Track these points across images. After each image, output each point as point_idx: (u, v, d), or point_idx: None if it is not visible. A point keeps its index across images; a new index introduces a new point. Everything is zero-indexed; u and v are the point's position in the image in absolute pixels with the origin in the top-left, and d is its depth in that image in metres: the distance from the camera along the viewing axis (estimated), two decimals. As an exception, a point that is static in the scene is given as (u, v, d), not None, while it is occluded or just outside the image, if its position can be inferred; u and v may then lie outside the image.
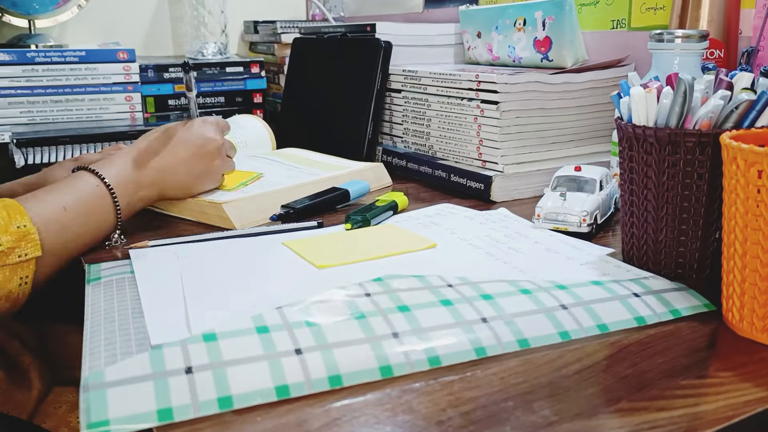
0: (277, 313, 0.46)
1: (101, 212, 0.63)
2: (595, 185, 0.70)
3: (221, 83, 1.36)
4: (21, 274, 0.55)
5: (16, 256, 0.55)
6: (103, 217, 0.64)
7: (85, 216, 0.62)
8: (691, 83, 0.53)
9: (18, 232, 0.55)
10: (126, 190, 0.66)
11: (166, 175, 0.70)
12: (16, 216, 0.56)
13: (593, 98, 0.90)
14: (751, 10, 0.79)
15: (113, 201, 0.64)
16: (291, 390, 0.40)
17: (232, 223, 0.71)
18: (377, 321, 0.46)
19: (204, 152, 0.74)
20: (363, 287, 0.51)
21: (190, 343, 0.43)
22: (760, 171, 0.45)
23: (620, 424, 0.37)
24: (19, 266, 0.55)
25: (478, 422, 0.38)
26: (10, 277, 0.54)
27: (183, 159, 0.72)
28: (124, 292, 0.54)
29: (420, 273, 0.54)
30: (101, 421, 0.37)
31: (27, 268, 0.56)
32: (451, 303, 0.49)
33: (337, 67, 1.09)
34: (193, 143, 0.73)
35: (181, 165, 0.72)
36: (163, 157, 0.70)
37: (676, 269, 0.56)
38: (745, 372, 0.43)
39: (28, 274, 0.56)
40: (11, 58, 1.18)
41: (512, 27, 1.00)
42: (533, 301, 0.50)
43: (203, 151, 0.74)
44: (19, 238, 0.55)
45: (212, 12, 1.43)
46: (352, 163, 0.93)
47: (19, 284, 0.55)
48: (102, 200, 0.63)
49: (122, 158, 0.68)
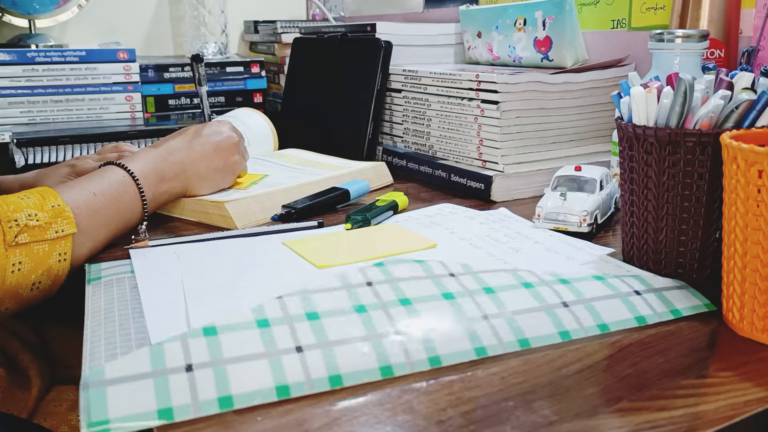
0: (277, 304, 0.46)
1: (129, 201, 0.66)
2: (596, 185, 0.70)
3: (221, 83, 1.36)
4: (59, 250, 0.57)
5: (53, 231, 0.57)
6: (131, 206, 0.66)
7: (115, 203, 0.64)
8: (692, 83, 0.53)
9: (53, 210, 0.57)
10: (150, 182, 0.68)
11: (188, 168, 0.73)
12: (49, 197, 0.58)
13: (593, 98, 0.90)
14: (752, 10, 0.79)
15: (139, 192, 0.66)
16: (291, 390, 0.40)
17: (234, 222, 0.71)
18: (378, 315, 0.46)
19: (223, 147, 0.77)
20: (364, 275, 0.50)
21: (190, 338, 0.42)
22: (760, 171, 0.45)
23: (620, 423, 0.37)
24: (57, 242, 0.57)
25: (478, 422, 0.38)
26: (49, 252, 0.56)
27: (203, 154, 0.75)
28: (125, 291, 0.54)
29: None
30: (101, 421, 0.37)
31: (64, 244, 0.57)
32: (453, 296, 0.49)
33: (338, 66, 1.09)
34: (211, 139, 0.76)
35: (201, 160, 0.74)
36: (185, 153, 0.73)
37: (677, 269, 0.56)
38: (746, 372, 0.43)
39: (66, 251, 0.58)
40: (11, 58, 1.18)
41: (512, 27, 1.00)
42: (535, 297, 0.50)
43: (222, 147, 0.77)
44: (55, 214, 0.57)
45: (212, 12, 1.43)
46: (353, 163, 0.93)
47: (58, 260, 0.57)
48: (129, 190, 0.66)
49: (146, 153, 0.71)
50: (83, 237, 0.60)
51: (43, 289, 0.57)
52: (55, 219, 0.57)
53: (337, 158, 0.97)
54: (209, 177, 0.75)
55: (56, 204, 0.58)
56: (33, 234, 0.55)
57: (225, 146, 0.77)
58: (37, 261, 0.55)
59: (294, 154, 1.00)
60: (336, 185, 0.81)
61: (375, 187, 0.89)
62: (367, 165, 0.91)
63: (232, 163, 0.78)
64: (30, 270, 0.55)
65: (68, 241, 0.58)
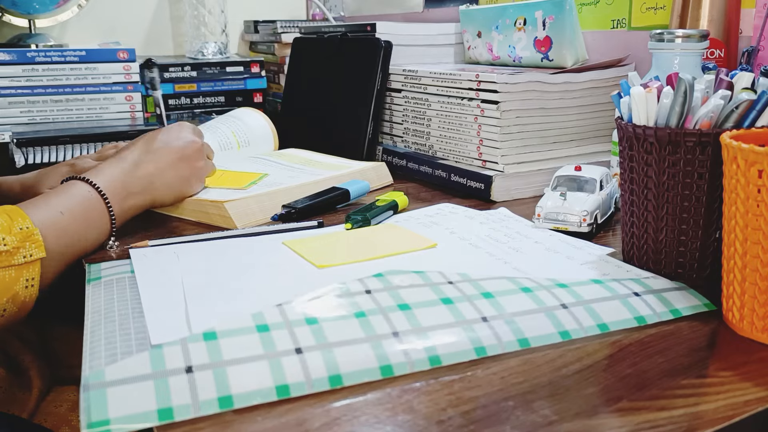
0: (277, 311, 0.46)
1: (97, 218, 0.64)
2: (596, 185, 0.70)
3: (221, 83, 1.36)
4: (27, 276, 0.55)
5: (21, 256, 0.55)
6: (99, 224, 0.64)
7: (83, 221, 0.62)
8: (692, 83, 0.53)
9: (22, 233, 0.55)
10: (117, 197, 0.66)
11: (155, 180, 0.70)
12: (17, 218, 0.56)
13: (593, 98, 0.90)
14: (752, 10, 0.79)
15: (107, 207, 0.64)
16: (291, 390, 0.40)
17: (234, 222, 0.71)
18: (377, 320, 0.46)
19: (187, 155, 0.74)
20: (363, 284, 0.51)
21: (190, 342, 0.43)
22: (760, 171, 0.45)
23: (620, 423, 0.38)
24: (25, 267, 0.55)
25: (478, 422, 0.38)
26: (16, 278, 0.54)
27: (168, 163, 0.72)
28: (125, 291, 0.54)
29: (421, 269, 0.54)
30: (101, 421, 0.37)
31: (32, 269, 0.55)
32: (452, 302, 0.49)
33: (338, 66, 1.09)
34: (174, 147, 0.73)
35: (167, 169, 0.72)
36: (149, 164, 0.70)
37: (677, 269, 0.56)
38: (746, 371, 0.43)
39: (34, 276, 0.56)
40: (11, 57, 1.18)
41: (512, 27, 1.00)
42: (533, 300, 0.50)
43: (186, 154, 0.74)
44: (23, 238, 0.55)
45: (212, 11, 1.43)
46: (353, 163, 0.93)
47: (25, 286, 0.55)
48: (96, 206, 0.64)
49: (111, 167, 0.68)
50: (51, 260, 0.58)
51: (9, 317, 0.55)
52: (23, 243, 0.55)
53: (337, 158, 0.97)
54: (177, 186, 0.73)
55: (24, 227, 0.56)
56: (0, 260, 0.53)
57: (189, 153, 0.74)
58: (3, 287, 0.53)
59: (294, 154, 1.00)
60: (336, 185, 0.81)
61: (375, 187, 0.89)
62: (367, 165, 0.91)
63: (198, 169, 0.76)
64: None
65: (36, 266, 0.56)
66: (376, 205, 0.74)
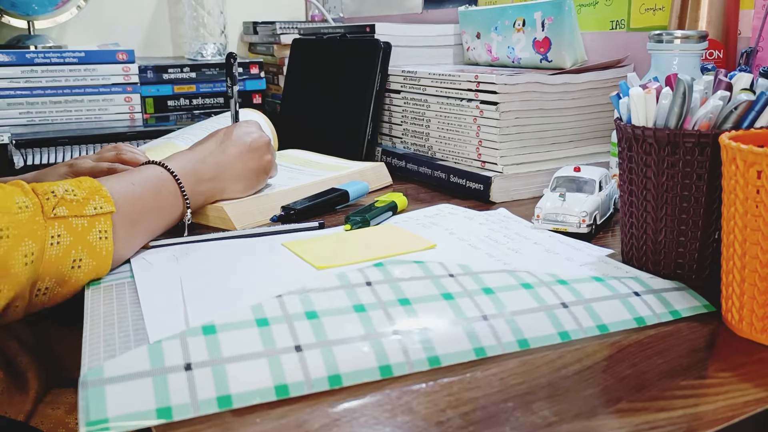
0: (276, 303, 0.46)
1: (168, 196, 0.65)
2: (595, 186, 0.70)
3: (221, 84, 1.36)
4: (99, 227, 0.56)
5: (92, 207, 0.56)
6: (170, 201, 0.66)
7: (154, 195, 0.64)
8: (690, 84, 0.53)
9: (90, 188, 0.57)
10: (189, 181, 0.68)
11: (225, 170, 0.73)
12: (86, 180, 0.58)
13: (592, 99, 0.90)
14: (750, 11, 0.79)
15: (179, 187, 0.66)
16: (290, 389, 0.40)
17: (233, 224, 0.71)
18: (378, 315, 0.46)
19: (255, 147, 0.77)
20: (364, 274, 0.50)
21: (189, 336, 0.42)
22: (759, 171, 0.45)
23: (620, 424, 0.37)
24: (96, 219, 0.56)
25: (477, 423, 0.38)
26: (88, 228, 0.55)
27: (237, 155, 0.74)
28: (124, 295, 0.54)
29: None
30: (100, 420, 0.37)
31: (104, 221, 0.56)
32: (452, 297, 0.49)
33: (337, 67, 1.09)
34: (244, 140, 0.76)
35: (236, 161, 0.74)
36: (219, 155, 0.73)
37: (676, 269, 0.56)
38: (745, 372, 0.43)
39: (107, 229, 0.56)
40: (10, 59, 1.18)
41: (511, 28, 1.00)
42: (534, 298, 0.50)
43: (254, 147, 0.77)
44: (92, 191, 0.57)
45: (211, 13, 1.43)
46: (352, 164, 0.93)
47: (99, 237, 0.56)
48: (168, 185, 0.66)
49: (182, 155, 0.71)
50: (124, 221, 0.59)
51: (87, 269, 0.55)
52: (92, 195, 0.56)
53: (336, 158, 0.97)
54: (246, 177, 0.75)
55: (93, 184, 0.57)
56: (71, 208, 0.54)
57: (257, 146, 0.77)
58: (77, 236, 0.54)
59: (293, 155, 1.00)
60: (335, 186, 0.81)
61: (374, 187, 0.89)
62: (366, 165, 0.91)
63: (266, 162, 0.78)
64: (69, 245, 0.54)
65: (108, 219, 0.57)
66: (376, 206, 0.74)
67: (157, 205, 0.64)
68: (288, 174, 0.88)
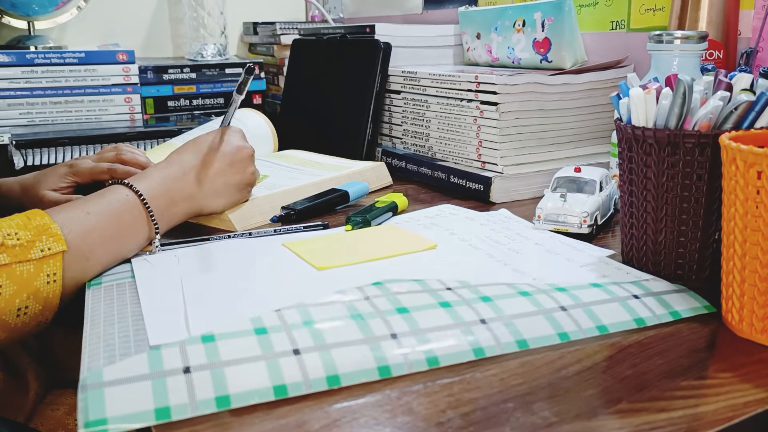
0: (275, 316, 0.46)
1: (134, 222, 0.62)
2: (595, 186, 0.69)
3: (220, 84, 1.36)
4: (47, 270, 0.53)
5: (38, 250, 0.53)
6: (137, 227, 0.62)
7: (114, 221, 0.60)
8: (691, 84, 0.53)
9: (36, 228, 0.54)
10: (160, 202, 0.64)
11: (203, 187, 0.69)
12: (35, 217, 0.55)
13: (592, 99, 0.90)
14: (750, 11, 0.79)
15: (146, 210, 0.62)
16: (289, 390, 0.40)
17: (234, 225, 0.71)
18: (376, 322, 0.46)
19: (238, 160, 0.72)
20: (362, 291, 0.51)
21: (188, 344, 0.43)
22: (759, 172, 0.45)
23: (620, 425, 0.37)
24: (44, 261, 0.53)
25: (477, 423, 0.38)
26: (35, 274, 0.52)
27: (219, 169, 0.70)
28: (124, 296, 0.54)
29: (420, 275, 0.54)
30: (99, 420, 0.37)
31: (53, 264, 0.53)
32: (450, 305, 0.49)
33: (337, 68, 1.09)
34: (227, 153, 0.71)
35: (218, 176, 0.70)
36: (199, 170, 0.69)
37: (676, 270, 0.56)
38: (745, 373, 0.43)
39: (56, 271, 0.54)
40: (11, 59, 1.18)
41: (511, 28, 1.00)
42: (532, 303, 0.50)
43: (237, 159, 0.72)
44: (39, 232, 0.53)
45: (211, 13, 1.43)
46: (353, 163, 0.93)
47: (47, 281, 0.53)
48: (132, 208, 0.62)
49: (157, 171, 0.67)
50: (77, 256, 0.56)
51: (33, 315, 0.53)
52: (39, 237, 0.53)
53: (336, 158, 0.97)
54: (227, 193, 0.71)
55: (42, 222, 0.54)
56: (13, 254, 0.51)
57: (240, 158, 0.72)
58: (21, 283, 0.51)
59: (293, 155, 1.00)
60: (335, 187, 0.81)
61: (374, 188, 0.89)
62: (366, 165, 0.91)
63: (249, 175, 0.73)
64: (13, 294, 0.51)
65: (57, 260, 0.54)
66: (376, 207, 0.74)
67: (118, 232, 0.60)
68: (288, 174, 0.88)
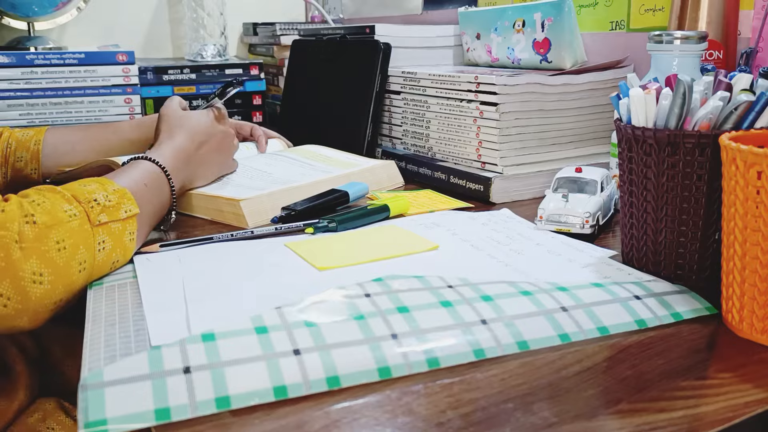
0: (276, 314, 0.46)
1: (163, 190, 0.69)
2: (597, 186, 0.69)
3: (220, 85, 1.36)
4: (129, 229, 0.60)
5: (123, 211, 0.59)
6: (166, 195, 0.70)
7: (157, 190, 0.68)
8: (690, 84, 0.53)
9: (117, 192, 0.60)
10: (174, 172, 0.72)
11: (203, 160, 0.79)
12: (107, 183, 0.61)
13: (592, 99, 0.90)
14: (750, 12, 0.79)
15: (168, 180, 0.70)
16: (289, 391, 0.40)
17: (247, 221, 0.72)
18: (376, 322, 0.46)
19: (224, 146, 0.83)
20: (363, 288, 0.51)
21: (188, 343, 0.43)
22: (759, 172, 0.45)
23: (620, 425, 0.37)
24: (127, 221, 0.60)
25: (477, 424, 0.38)
26: (122, 231, 0.59)
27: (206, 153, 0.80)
28: (126, 296, 0.54)
29: (421, 274, 0.54)
30: (98, 420, 0.37)
31: (132, 224, 0.60)
32: (451, 304, 0.49)
33: (337, 68, 1.09)
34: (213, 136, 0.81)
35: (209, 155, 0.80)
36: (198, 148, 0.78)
37: (676, 270, 0.56)
38: (745, 373, 0.43)
39: (134, 230, 0.60)
40: (10, 60, 1.18)
41: (511, 28, 1.00)
42: (533, 303, 0.50)
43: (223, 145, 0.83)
44: (120, 196, 0.60)
45: (211, 14, 1.43)
46: (364, 160, 0.92)
47: (129, 239, 0.60)
48: (161, 179, 0.69)
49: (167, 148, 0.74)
50: (142, 221, 0.62)
51: (118, 268, 0.60)
52: (122, 200, 0.60)
53: (349, 154, 0.96)
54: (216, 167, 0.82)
55: (118, 187, 0.61)
56: (110, 213, 0.58)
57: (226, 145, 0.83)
58: (115, 240, 0.58)
59: (307, 149, 0.99)
60: (335, 187, 0.81)
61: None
62: (376, 163, 0.91)
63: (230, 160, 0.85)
64: (111, 249, 0.58)
65: (134, 222, 0.60)
66: (367, 209, 0.73)
67: (160, 204, 0.68)
68: (300, 170, 0.88)
